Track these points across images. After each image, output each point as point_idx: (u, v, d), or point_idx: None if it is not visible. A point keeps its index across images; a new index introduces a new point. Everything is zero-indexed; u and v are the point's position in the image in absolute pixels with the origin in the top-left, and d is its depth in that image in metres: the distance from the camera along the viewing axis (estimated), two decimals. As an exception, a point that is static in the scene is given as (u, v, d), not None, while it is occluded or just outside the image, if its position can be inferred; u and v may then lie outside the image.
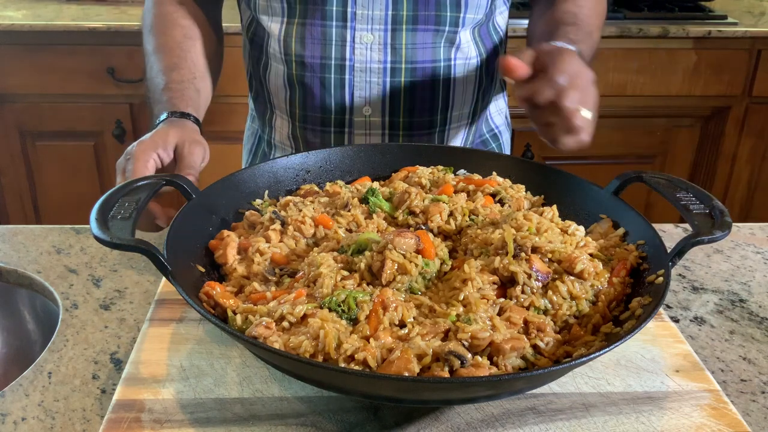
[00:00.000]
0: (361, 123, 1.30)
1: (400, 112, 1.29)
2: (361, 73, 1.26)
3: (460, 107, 1.34)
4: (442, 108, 1.31)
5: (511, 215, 0.97)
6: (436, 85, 1.28)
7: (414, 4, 1.22)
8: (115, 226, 0.83)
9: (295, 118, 1.33)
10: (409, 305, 0.83)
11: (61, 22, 2.37)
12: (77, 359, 0.93)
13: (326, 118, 1.30)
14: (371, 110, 1.29)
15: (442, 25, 1.24)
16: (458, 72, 1.30)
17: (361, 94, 1.27)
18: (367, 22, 1.22)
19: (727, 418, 0.81)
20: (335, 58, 1.25)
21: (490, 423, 0.80)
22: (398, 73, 1.26)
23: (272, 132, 1.41)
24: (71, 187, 2.62)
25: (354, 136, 1.31)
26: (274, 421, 0.80)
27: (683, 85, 2.63)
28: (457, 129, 1.36)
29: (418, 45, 1.25)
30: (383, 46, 1.24)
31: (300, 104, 1.31)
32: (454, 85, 1.30)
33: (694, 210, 0.91)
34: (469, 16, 1.26)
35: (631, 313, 0.85)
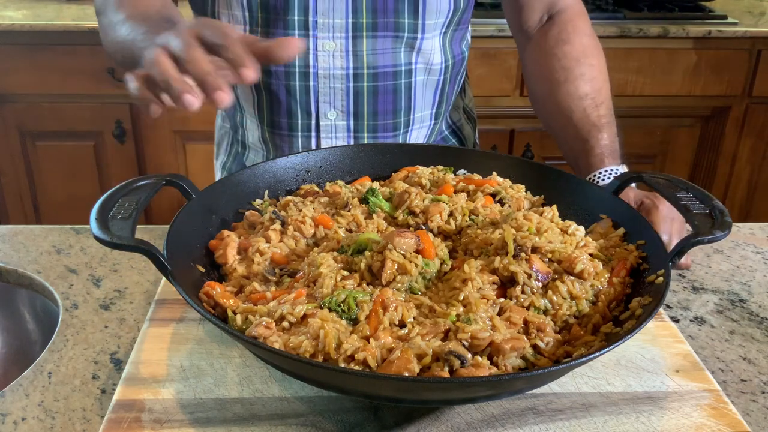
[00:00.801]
0: (327, 127, 1.32)
1: (364, 115, 1.32)
2: (324, 80, 1.28)
3: (422, 109, 1.36)
4: (405, 110, 1.33)
5: (511, 215, 0.97)
6: (398, 88, 1.30)
7: (373, 12, 1.24)
8: (115, 226, 0.83)
9: (263, 122, 1.35)
10: (409, 305, 0.83)
11: (61, 22, 2.37)
12: (77, 359, 0.93)
13: (293, 123, 1.32)
14: (336, 114, 1.31)
15: (401, 31, 1.26)
16: (419, 75, 1.31)
17: (326, 100, 1.30)
18: (329, 31, 1.24)
19: (727, 418, 0.81)
20: (299, 66, 1.27)
21: (490, 423, 0.80)
22: (360, 78, 1.28)
23: (245, 133, 1.42)
24: (71, 187, 2.62)
25: (321, 140, 1.34)
26: (274, 421, 0.80)
27: (683, 85, 2.63)
28: (419, 131, 1.38)
29: (378, 51, 1.27)
30: (345, 53, 1.26)
31: (267, 109, 1.33)
32: (415, 89, 1.32)
33: (694, 210, 0.91)
34: (429, 22, 1.27)
35: (631, 313, 0.85)
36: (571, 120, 1.28)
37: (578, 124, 1.27)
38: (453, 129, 1.48)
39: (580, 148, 1.26)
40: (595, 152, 1.23)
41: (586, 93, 1.28)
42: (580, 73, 1.29)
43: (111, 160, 2.60)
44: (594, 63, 1.31)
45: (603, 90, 1.30)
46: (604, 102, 1.29)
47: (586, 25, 1.35)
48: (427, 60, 1.31)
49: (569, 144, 1.29)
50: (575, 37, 1.32)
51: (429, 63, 1.31)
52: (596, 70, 1.31)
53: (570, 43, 1.31)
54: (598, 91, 1.29)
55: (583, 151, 1.25)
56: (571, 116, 1.28)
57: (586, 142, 1.25)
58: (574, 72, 1.30)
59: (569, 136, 1.29)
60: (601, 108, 1.28)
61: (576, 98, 1.28)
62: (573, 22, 1.33)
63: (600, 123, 1.26)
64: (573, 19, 1.34)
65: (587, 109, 1.27)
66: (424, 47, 1.29)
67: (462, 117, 1.50)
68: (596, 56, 1.33)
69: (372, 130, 1.33)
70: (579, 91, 1.28)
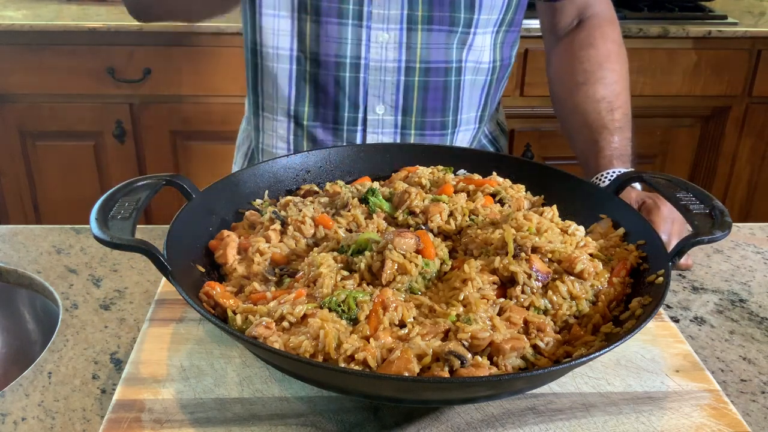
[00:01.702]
0: (374, 122, 1.31)
1: (412, 111, 1.31)
2: (375, 72, 1.27)
3: (468, 110, 1.35)
4: (453, 110, 1.33)
5: (511, 215, 0.97)
6: (448, 85, 1.30)
7: (429, 5, 1.24)
8: (115, 226, 0.83)
9: (301, 117, 1.33)
10: (409, 305, 0.83)
11: (61, 22, 2.37)
12: (77, 359, 0.93)
13: (340, 116, 1.31)
14: (384, 109, 1.30)
15: (456, 25, 1.26)
16: (468, 74, 1.32)
17: (375, 93, 1.29)
18: (383, 22, 1.23)
19: (727, 418, 0.81)
20: (350, 56, 1.26)
21: (490, 423, 0.80)
22: (412, 72, 1.28)
23: (261, 135, 1.41)
24: (71, 187, 2.62)
25: (366, 135, 1.33)
26: (274, 421, 0.80)
27: (683, 85, 2.63)
28: (465, 133, 1.38)
29: (432, 45, 1.27)
30: (398, 45, 1.25)
31: (311, 103, 1.31)
32: (464, 88, 1.32)
33: (694, 210, 0.91)
34: (483, 17, 1.27)
35: (631, 313, 0.85)
36: (585, 121, 1.30)
37: (592, 126, 1.29)
38: (490, 139, 1.49)
39: (590, 149, 1.27)
40: (605, 154, 1.24)
41: (603, 96, 1.30)
42: (601, 76, 1.32)
43: (111, 160, 2.60)
44: (616, 68, 1.34)
45: (621, 95, 1.32)
46: (620, 107, 1.31)
47: (614, 32, 1.38)
48: (477, 58, 1.31)
49: (581, 145, 1.31)
50: (601, 42, 1.35)
51: (478, 61, 1.31)
52: (617, 75, 1.33)
53: (595, 47, 1.34)
54: (616, 96, 1.31)
55: (593, 152, 1.26)
56: (586, 117, 1.30)
57: (596, 143, 1.26)
58: (594, 75, 1.32)
59: (582, 137, 1.31)
60: (617, 112, 1.29)
61: (593, 101, 1.30)
62: (601, 28, 1.36)
63: (613, 126, 1.27)
64: (602, 25, 1.37)
65: (602, 112, 1.29)
66: (475, 44, 1.29)
67: (496, 129, 1.51)
68: (619, 62, 1.35)
69: (419, 128, 1.33)
70: (597, 95, 1.30)
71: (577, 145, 1.34)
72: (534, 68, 2.52)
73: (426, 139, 1.33)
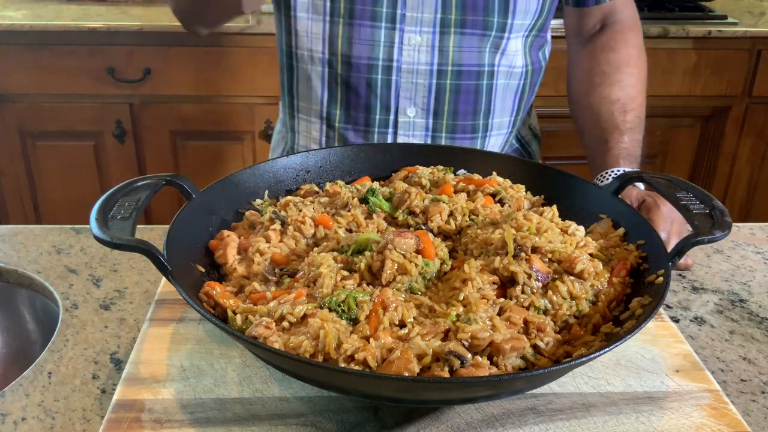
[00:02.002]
0: (405, 124, 1.32)
1: (444, 114, 1.32)
2: (407, 75, 1.29)
3: (501, 115, 1.36)
4: (485, 113, 1.34)
5: (511, 215, 0.97)
6: (480, 89, 1.31)
7: (462, 8, 1.24)
8: (115, 226, 0.83)
9: (333, 119, 1.35)
10: (409, 305, 0.83)
11: (61, 22, 2.37)
12: (77, 359, 0.93)
13: (371, 118, 1.32)
14: (416, 112, 1.31)
15: (489, 30, 1.27)
16: (501, 78, 1.33)
17: (407, 96, 1.30)
18: (416, 25, 1.24)
19: (727, 418, 0.81)
20: (383, 59, 1.27)
21: (490, 423, 0.80)
22: (444, 75, 1.29)
23: (296, 137, 1.42)
24: (71, 187, 2.62)
25: (398, 137, 1.34)
26: (274, 421, 0.80)
27: (683, 85, 2.63)
28: (497, 137, 1.39)
29: (465, 48, 1.28)
30: (431, 48, 1.27)
31: (342, 105, 1.33)
32: (496, 92, 1.33)
33: (694, 210, 0.91)
34: (517, 22, 1.28)
35: (631, 313, 0.85)
36: (597, 120, 1.32)
37: (603, 125, 1.30)
38: (522, 143, 1.50)
39: (599, 147, 1.29)
40: (612, 153, 1.26)
41: (618, 98, 1.32)
42: (618, 79, 1.34)
43: (111, 160, 2.60)
44: (634, 72, 1.35)
45: (636, 99, 1.34)
46: (634, 109, 1.32)
47: (636, 38, 1.40)
48: (509, 63, 1.32)
49: (591, 143, 1.33)
50: (622, 46, 1.37)
51: (511, 66, 1.32)
52: (634, 79, 1.35)
53: (615, 51, 1.36)
54: (631, 99, 1.33)
55: (601, 150, 1.28)
56: (598, 117, 1.32)
57: (606, 142, 1.28)
58: (611, 78, 1.34)
59: (593, 136, 1.33)
60: (629, 114, 1.31)
61: (607, 102, 1.32)
62: (623, 34, 1.38)
63: (624, 127, 1.29)
64: (624, 31, 1.39)
65: (615, 112, 1.31)
66: (508, 48, 1.30)
67: (528, 133, 1.52)
68: (638, 67, 1.37)
69: (450, 131, 1.34)
70: (612, 96, 1.32)
71: (587, 143, 1.35)
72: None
73: (456, 142, 1.35)
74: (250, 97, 2.51)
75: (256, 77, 2.47)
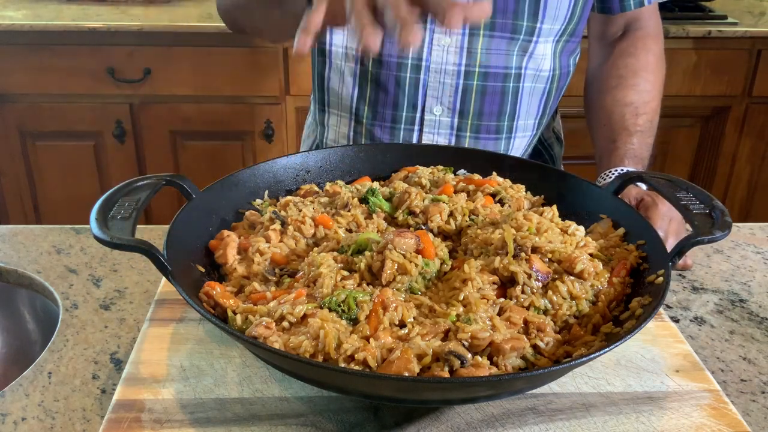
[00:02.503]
0: (431, 122, 1.35)
1: (469, 114, 1.34)
2: (435, 74, 1.31)
3: (526, 117, 1.38)
4: (510, 115, 1.35)
5: (511, 215, 0.97)
6: (506, 90, 1.32)
7: (492, 12, 1.25)
8: (115, 226, 0.83)
9: (361, 115, 1.37)
10: (409, 305, 0.83)
11: (61, 22, 2.37)
12: (77, 359, 0.93)
13: (398, 115, 1.35)
14: (442, 110, 1.33)
15: (518, 33, 1.28)
16: (527, 81, 1.34)
17: (434, 95, 1.32)
18: None
19: (727, 418, 0.81)
20: (412, 58, 1.29)
21: (490, 423, 0.80)
22: (471, 76, 1.31)
23: (325, 131, 1.45)
24: (71, 187, 2.62)
25: (423, 135, 1.36)
26: (274, 421, 0.80)
27: (683, 85, 2.63)
28: (521, 139, 1.40)
29: (492, 51, 1.29)
30: (459, 49, 1.29)
31: (370, 101, 1.35)
32: (522, 94, 1.34)
33: (694, 210, 0.91)
34: (545, 27, 1.29)
35: (631, 313, 0.85)
36: (609, 121, 1.33)
37: (613, 126, 1.32)
38: (545, 145, 1.51)
39: (607, 147, 1.31)
40: (618, 153, 1.27)
41: (632, 102, 1.33)
42: (634, 83, 1.35)
43: (111, 160, 2.60)
44: (650, 79, 1.37)
45: (650, 104, 1.35)
46: (646, 113, 1.33)
47: (656, 45, 1.41)
48: (537, 66, 1.33)
49: (601, 143, 1.34)
50: (642, 53, 1.38)
51: (538, 69, 1.33)
52: (650, 85, 1.36)
53: (634, 57, 1.38)
54: (645, 104, 1.34)
55: (608, 150, 1.30)
56: (609, 118, 1.33)
57: (614, 142, 1.29)
58: (627, 81, 1.35)
59: (603, 137, 1.34)
60: (641, 117, 1.32)
61: (621, 104, 1.34)
62: (644, 40, 1.40)
63: (633, 129, 1.30)
64: (645, 38, 1.40)
65: (627, 114, 1.32)
66: (536, 52, 1.31)
67: (552, 136, 1.53)
68: (655, 74, 1.38)
69: (475, 130, 1.36)
70: (626, 99, 1.34)
71: (596, 143, 1.37)
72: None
73: (480, 142, 1.36)
74: (250, 97, 2.51)
75: (256, 77, 2.47)
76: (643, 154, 1.29)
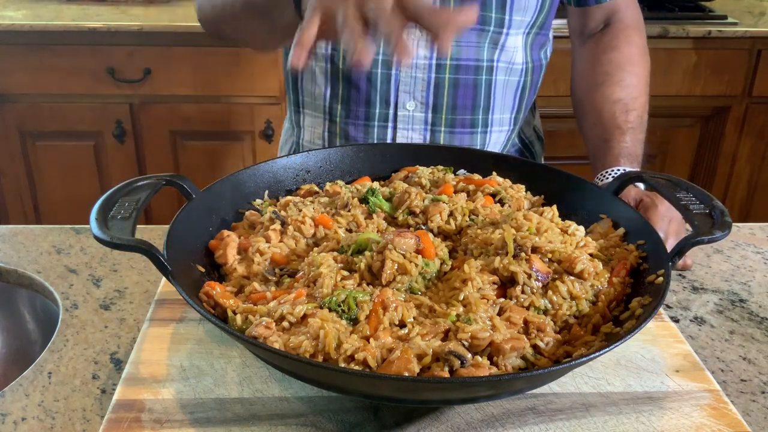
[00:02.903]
0: (404, 118, 1.34)
1: (442, 108, 1.33)
2: (407, 69, 1.30)
3: (501, 111, 1.37)
4: (484, 108, 1.34)
5: (511, 215, 0.97)
6: (479, 83, 1.32)
7: (461, 3, 1.25)
8: (115, 226, 0.83)
9: (335, 114, 1.36)
10: (409, 305, 0.83)
11: (61, 22, 2.37)
12: (77, 359, 0.93)
13: (371, 112, 1.34)
14: (415, 105, 1.32)
15: (488, 25, 1.27)
16: (500, 74, 1.33)
17: (406, 89, 1.31)
18: None
19: (727, 418, 0.81)
20: (382, 53, 1.28)
21: (490, 423, 0.80)
22: (443, 69, 1.29)
23: (301, 132, 1.44)
24: (71, 187, 2.62)
25: (397, 131, 1.35)
26: (274, 421, 0.80)
27: (683, 85, 2.63)
28: (498, 134, 1.39)
29: (463, 43, 1.28)
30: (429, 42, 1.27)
31: (343, 100, 1.34)
32: (495, 87, 1.33)
33: (694, 210, 0.91)
34: (515, 19, 1.29)
35: (631, 313, 0.85)
36: (599, 120, 1.33)
37: (605, 125, 1.31)
38: (525, 143, 1.51)
39: (600, 147, 1.30)
40: (613, 152, 1.27)
41: (620, 98, 1.33)
42: (620, 79, 1.34)
43: (111, 160, 2.59)
44: (636, 72, 1.36)
45: (639, 99, 1.34)
46: (636, 109, 1.33)
47: (638, 37, 1.40)
48: (509, 59, 1.32)
49: (593, 142, 1.34)
50: (625, 45, 1.37)
51: (511, 62, 1.33)
52: (637, 78, 1.35)
53: (618, 50, 1.37)
54: (633, 99, 1.33)
55: (602, 150, 1.29)
56: (600, 117, 1.33)
57: (607, 142, 1.29)
58: (613, 77, 1.35)
59: (595, 136, 1.33)
60: (631, 114, 1.32)
61: (609, 102, 1.33)
62: (626, 32, 1.39)
63: (625, 127, 1.30)
64: (627, 30, 1.39)
65: (617, 112, 1.31)
66: (507, 44, 1.30)
67: (533, 134, 1.53)
68: (640, 66, 1.38)
69: (449, 125, 1.35)
70: (614, 96, 1.33)
71: (589, 142, 1.36)
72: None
73: (456, 137, 1.35)
74: (250, 97, 2.51)
75: (256, 77, 2.47)
76: (637, 152, 1.29)
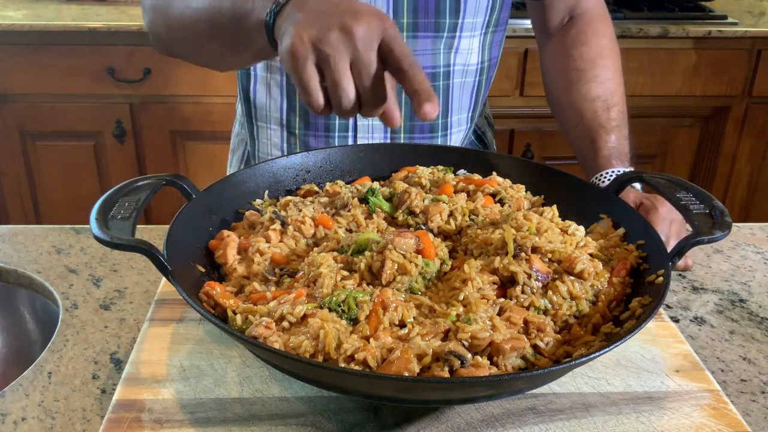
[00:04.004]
0: (363, 127, 1.32)
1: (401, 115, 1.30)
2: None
3: (459, 112, 1.35)
4: (443, 113, 1.33)
5: (511, 215, 0.97)
6: (437, 90, 1.30)
7: (414, 13, 1.23)
8: (115, 226, 0.83)
9: (293, 126, 1.34)
10: (409, 305, 0.83)
11: (61, 22, 2.37)
12: (77, 359, 0.93)
13: (331, 123, 1.32)
14: None
15: (441, 31, 1.26)
16: (457, 77, 1.32)
17: None
18: None
19: (727, 418, 0.81)
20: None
21: (490, 423, 0.80)
22: None
23: (255, 144, 1.41)
24: (71, 187, 2.62)
25: (357, 140, 1.33)
26: (274, 421, 0.80)
27: (683, 85, 2.63)
28: (457, 134, 1.38)
29: (419, 51, 1.27)
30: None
31: (301, 112, 1.32)
32: (453, 91, 1.32)
33: (694, 210, 0.91)
34: (468, 21, 1.27)
35: (631, 313, 0.85)
36: (582, 120, 1.30)
37: (588, 125, 1.29)
38: (478, 134, 1.49)
39: (588, 148, 1.28)
40: (602, 153, 1.25)
41: (598, 95, 1.30)
42: (594, 75, 1.32)
43: (111, 160, 2.60)
44: (609, 65, 1.33)
45: (616, 93, 1.32)
46: (616, 105, 1.30)
47: (606, 27, 1.37)
48: (464, 61, 1.31)
49: (579, 143, 1.32)
50: (593, 38, 1.34)
51: (466, 64, 1.31)
52: (611, 72, 1.33)
53: (587, 44, 1.33)
54: (611, 94, 1.31)
55: (590, 151, 1.27)
56: (582, 117, 1.30)
57: (594, 143, 1.27)
58: (588, 74, 1.32)
59: (579, 136, 1.31)
60: (612, 111, 1.29)
61: (588, 100, 1.30)
62: (593, 25, 1.35)
63: (609, 125, 1.27)
64: (593, 22, 1.36)
65: (598, 111, 1.29)
66: (461, 47, 1.29)
67: (484, 123, 1.52)
68: (612, 58, 1.35)
69: (409, 131, 1.33)
70: (591, 93, 1.30)
71: (573, 143, 1.34)
72: (534, 68, 2.52)
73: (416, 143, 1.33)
74: (250, 97, 2.51)
75: (256, 77, 2.47)
76: (625, 150, 1.27)
